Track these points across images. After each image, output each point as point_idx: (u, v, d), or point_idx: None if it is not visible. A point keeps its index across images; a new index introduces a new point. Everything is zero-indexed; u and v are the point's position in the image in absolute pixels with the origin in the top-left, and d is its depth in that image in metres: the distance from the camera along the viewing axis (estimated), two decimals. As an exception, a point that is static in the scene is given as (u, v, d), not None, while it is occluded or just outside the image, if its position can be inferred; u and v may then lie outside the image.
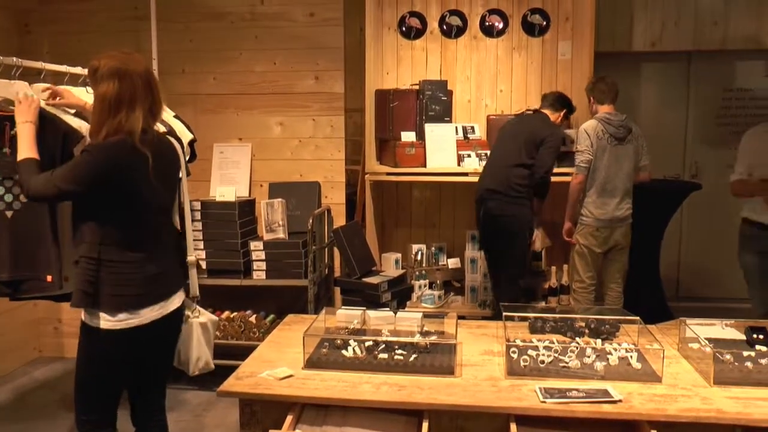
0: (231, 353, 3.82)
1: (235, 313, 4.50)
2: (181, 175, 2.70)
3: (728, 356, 2.42)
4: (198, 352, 2.72)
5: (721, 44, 5.75)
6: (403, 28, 5.05)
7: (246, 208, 4.50)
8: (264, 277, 4.39)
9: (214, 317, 2.85)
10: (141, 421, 2.73)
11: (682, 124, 6.09)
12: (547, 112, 4.41)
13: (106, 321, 2.36)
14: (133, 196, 2.39)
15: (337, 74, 4.67)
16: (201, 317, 2.75)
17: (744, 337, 2.66)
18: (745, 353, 2.45)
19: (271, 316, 4.51)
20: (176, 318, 2.60)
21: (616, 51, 5.76)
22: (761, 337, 2.60)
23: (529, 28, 4.99)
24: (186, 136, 4.07)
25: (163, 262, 2.51)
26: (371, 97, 4.77)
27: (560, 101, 4.44)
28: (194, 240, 4.28)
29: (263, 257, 4.38)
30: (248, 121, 4.77)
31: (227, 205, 4.38)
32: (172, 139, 2.65)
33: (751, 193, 3.93)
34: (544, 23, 4.98)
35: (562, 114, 4.43)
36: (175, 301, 2.55)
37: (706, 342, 2.49)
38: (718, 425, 2.10)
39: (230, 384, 2.35)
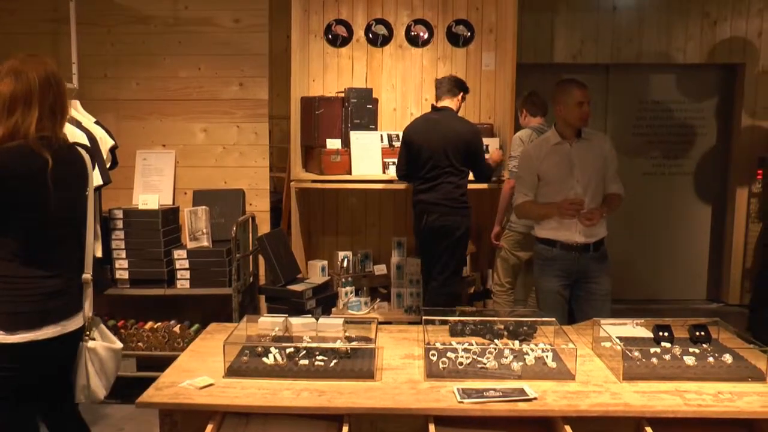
0: (155, 364, 3.74)
1: (158, 324, 4.40)
2: (88, 189, 2.56)
3: (636, 353, 2.52)
4: (84, 379, 2.49)
5: (636, 58, 6.00)
6: (329, 36, 5.08)
7: (169, 216, 4.43)
8: (188, 286, 4.33)
9: (113, 343, 2.59)
10: None
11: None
12: (448, 99, 4.38)
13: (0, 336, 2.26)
14: (31, 207, 2.29)
15: (261, 81, 4.63)
16: (90, 342, 2.50)
17: (652, 335, 2.77)
18: (652, 350, 2.57)
19: (196, 326, 4.43)
20: (77, 339, 2.47)
21: (538, 63, 5.93)
22: (666, 334, 2.72)
23: (454, 39, 5.10)
24: (107, 142, 3.99)
25: (66, 279, 2.41)
26: (297, 104, 4.77)
27: (457, 85, 4.42)
28: (116, 249, 4.25)
29: (187, 266, 4.32)
30: (172, 127, 4.69)
31: (150, 213, 4.30)
32: (82, 150, 2.54)
33: (543, 215, 3.62)
34: (468, 34, 5.10)
35: (461, 97, 4.43)
36: (77, 320, 2.45)
37: (617, 340, 2.58)
38: (625, 418, 2.20)
39: (149, 395, 2.30)
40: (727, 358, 2.52)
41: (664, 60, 6.00)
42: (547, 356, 2.57)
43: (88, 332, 2.51)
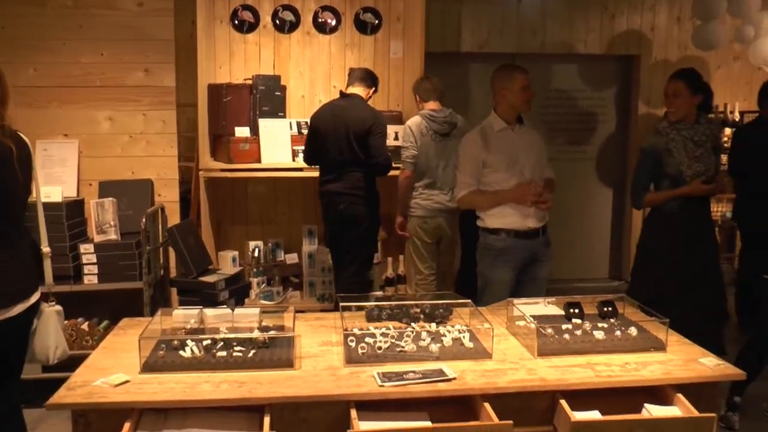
0: (63, 365, 3.57)
1: (65, 322, 4.21)
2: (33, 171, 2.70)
3: (550, 330, 2.62)
4: (56, 341, 2.74)
5: (540, 48, 6.18)
6: (236, 22, 4.99)
7: (74, 209, 4.23)
8: (96, 281, 4.16)
9: (60, 307, 2.84)
10: None
11: (507, 121, 6.48)
12: (359, 87, 4.31)
13: None
14: (2, 194, 2.42)
15: (167, 67, 4.47)
16: (56, 305, 2.77)
17: (563, 313, 2.89)
18: (564, 326, 2.68)
19: (105, 323, 4.28)
20: (34, 311, 2.64)
21: (446, 51, 6.01)
22: (576, 311, 2.84)
23: (362, 26, 5.12)
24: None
25: (24, 256, 2.59)
26: (204, 91, 4.68)
27: (371, 76, 4.36)
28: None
29: (95, 260, 4.14)
30: (74, 115, 4.46)
31: (53, 206, 4.07)
32: (23, 135, 2.61)
33: (497, 203, 3.53)
34: (376, 22, 5.12)
35: (372, 90, 4.36)
36: (36, 294, 2.62)
37: (531, 319, 2.66)
38: (541, 392, 2.29)
39: (61, 396, 2.20)
40: (632, 331, 2.65)
41: (567, 50, 6.21)
42: (463, 337, 2.63)
43: (48, 300, 2.73)
